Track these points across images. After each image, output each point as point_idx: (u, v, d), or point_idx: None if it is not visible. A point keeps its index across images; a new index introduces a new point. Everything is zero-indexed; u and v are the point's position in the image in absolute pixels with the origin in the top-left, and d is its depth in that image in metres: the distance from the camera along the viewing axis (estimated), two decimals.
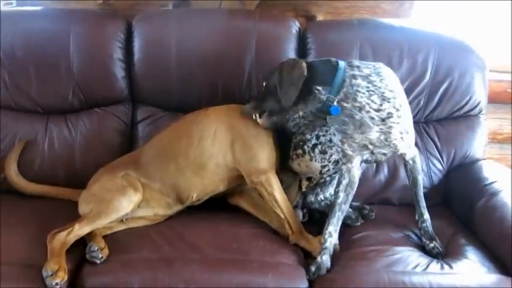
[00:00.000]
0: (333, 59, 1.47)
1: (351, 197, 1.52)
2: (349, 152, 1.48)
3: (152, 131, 1.91)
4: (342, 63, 1.45)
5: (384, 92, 1.42)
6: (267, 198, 1.56)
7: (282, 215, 1.55)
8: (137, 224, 1.62)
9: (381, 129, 1.43)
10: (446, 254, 1.52)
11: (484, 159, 1.92)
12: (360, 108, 1.42)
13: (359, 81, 1.42)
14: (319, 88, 1.44)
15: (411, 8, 2.24)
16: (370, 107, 1.41)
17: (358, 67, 1.44)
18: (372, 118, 1.42)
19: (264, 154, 1.58)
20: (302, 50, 1.91)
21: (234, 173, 1.61)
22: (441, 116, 1.93)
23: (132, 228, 1.60)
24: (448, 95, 1.88)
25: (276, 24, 1.92)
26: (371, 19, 2.01)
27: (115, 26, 1.92)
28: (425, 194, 1.59)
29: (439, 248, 1.53)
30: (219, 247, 1.49)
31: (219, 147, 1.59)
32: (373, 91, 1.41)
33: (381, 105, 1.41)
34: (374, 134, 1.44)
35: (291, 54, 1.88)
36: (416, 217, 1.57)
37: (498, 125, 2.42)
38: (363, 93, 1.41)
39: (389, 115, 1.42)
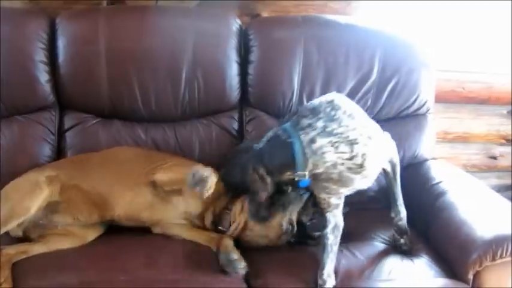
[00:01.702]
0: (281, 134, 1.33)
1: (339, 237, 1.42)
2: (336, 202, 1.38)
3: (83, 140, 1.76)
4: (294, 135, 1.30)
5: (348, 136, 1.30)
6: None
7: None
8: (58, 245, 1.46)
9: (363, 174, 1.33)
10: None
11: (433, 158, 1.91)
12: (334, 166, 1.30)
13: (319, 141, 1.29)
14: (285, 176, 1.34)
15: (359, 7, 2.20)
16: (343, 159, 1.29)
17: (310, 125, 1.31)
18: (350, 168, 1.31)
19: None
20: (244, 48, 1.83)
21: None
22: (390, 115, 1.89)
23: (50, 253, 1.43)
24: (395, 93, 1.85)
25: (214, 21, 1.82)
26: (316, 16, 1.95)
27: (36, 24, 1.75)
28: (373, 197, 1.53)
29: (408, 244, 1.51)
30: (152, 267, 1.36)
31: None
32: (337, 141, 1.29)
33: (351, 151, 1.29)
34: (358, 182, 1.35)
35: (232, 52, 1.79)
36: (393, 214, 1.52)
37: (448, 124, 2.43)
38: (329, 151, 1.29)
39: (364, 156, 1.31)
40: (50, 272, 1.33)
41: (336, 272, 1.39)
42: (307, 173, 1.31)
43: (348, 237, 1.51)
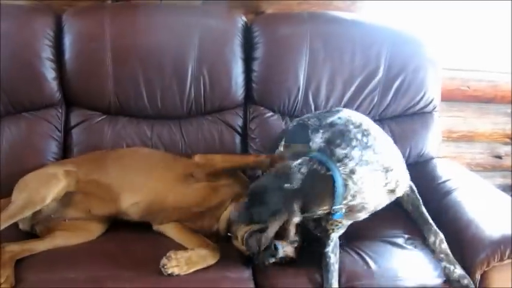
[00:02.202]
0: (318, 168, 1.22)
1: (338, 255, 1.40)
2: (347, 224, 1.36)
3: (89, 137, 1.76)
4: (333, 168, 1.20)
5: (383, 164, 1.25)
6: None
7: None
8: (65, 241, 1.45)
9: (391, 198, 1.32)
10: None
11: (439, 157, 1.90)
12: (371, 195, 1.26)
13: (358, 172, 1.22)
14: (321, 211, 1.24)
15: (363, 6, 2.20)
16: (379, 187, 1.26)
17: (347, 156, 1.22)
18: (383, 195, 1.29)
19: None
20: (249, 45, 1.82)
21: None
22: (396, 113, 1.89)
23: (58, 248, 1.43)
24: (402, 90, 1.83)
25: (220, 18, 1.82)
26: (322, 12, 1.94)
27: (43, 21, 1.74)
28: None
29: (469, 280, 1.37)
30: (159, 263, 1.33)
31: None
32: (375, 169, 1.23)
33: (386, 178, 1.26)
34: (384, 203, 1.33)
35: (237, 49, 1.79)
36: (432, 238, 1.45)
37: (452, 123, 2.42)
38: (368, 181, 1.22)
39: (397, 182, 1.28)
40: (58, 266, 1.32)
41: (340, 272, 1.38)
42: (343, 205, 1.24)
43: (355, 237, 1.52)
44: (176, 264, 1.30)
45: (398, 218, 1.58)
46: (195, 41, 1.74)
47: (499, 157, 2.70)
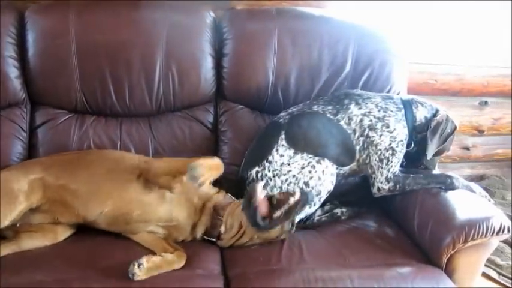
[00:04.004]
0: None
1: None
2: None
3: (55, 137, 1.72)
4: None
5: None
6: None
7: None
8: (30, 244, 1.42)
9: None
10: None
11: None
12: None
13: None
14: None
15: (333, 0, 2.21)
16: None
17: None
18: None
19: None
20: (218, 41, 1.82)
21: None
22: None
23: (24, 251, 1.40)
24: (369, 85, 1.85)
25: (188, 14, 1.80)
26: (290, 8, 1.95)
27: (5, 19, 1.69)
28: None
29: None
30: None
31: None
32: None
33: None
34: None
35: (206, 45, 1.78)
36: None
37: None
38: None
39: None
40: (24, 269, 1.29)
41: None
42: None
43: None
44: (145, 273, 1.28)
45: None
46: (162, 37, 1.72)
47: (467, 148, 2.77)
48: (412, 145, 1.66)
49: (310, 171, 1.54)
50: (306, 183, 1.53)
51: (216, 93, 1.85)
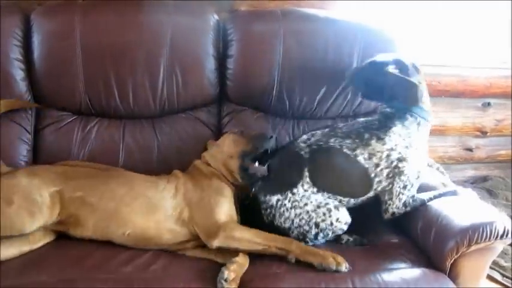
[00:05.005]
0: None
1: None
2: None
3: (58, 138, 1.73)
4: None
5: None
6: (241, 249, 1.39)
7: (267, 248, 1.39)
8: (33, 245, 1.41)
9: None
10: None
11: None
12: None
13: None
14: None
15: (336, 2, 2.21)
16: None
17: None
18: None
19: (221, 209, 1.45)
20: (223, 42, 1.82)
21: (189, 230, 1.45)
22: (369, 109, 1.91)
23: (28, 253, 1.39)
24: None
25: (192, 16, 1.80)
26: (295, 9, 1.94)
27: (11, 21, 1.70)
28: None
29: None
30: (136, 266, 1.34)
31: (176, 203, 1.48)
32: None
33: None
34: None
35: (210, 47, 1.78)
36: None
37: None
38: None
39: None
40: (28, 272, 1.29)
41: None
42: None
43: None
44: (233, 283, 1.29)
45: None
46: (167, 38, 1.72)
47: (470, 150, 2.78)
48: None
49: (324, 214, 1.48)
50: (317, 224, 1.48)
51: (219, 95, 1.85)
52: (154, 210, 1.45)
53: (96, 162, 1.68)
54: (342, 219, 1.49)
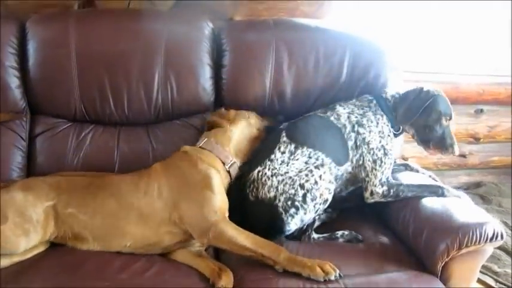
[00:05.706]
0: None
1: None
2: None
3: (53, 146, 1.74)
4: None
5: None
6: (228, 249, 1.41)
7: (254, 255, 1.38)
8: (26, 254, 1.40)
9: None
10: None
11: (402, 158, 1.93)
12: None
13: None
14: None
15: (330, 9, 2.24)
16: None
17: None
18: None
19: (211, 206, 1.43)
20: (217, 52, 1.84)
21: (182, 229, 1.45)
22: None
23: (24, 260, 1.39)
24: (364, 95, 1.84)
25: (186, 25, 1.82)
26: (286, 19, 1.97)
27: (6, 29, 1.71)
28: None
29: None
30: (131, 273, 1.35)
31: (164, 204, 1.45)
32: None
33: None
34: None
35: (204, 56, 1.80)
36: None
37: None
38: None
39: None
40: (23, 278, 1.29)
41: None
42: None
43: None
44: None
45: None
46: (161, 47, 1.73)
47: (464, 156, 2.80)
48: (400, 128, 1.71)
49: (307, 175, 1.53)
50: (302, 186, 1.52)
51: (215, 102, 1.86)
52: (145, 219, 1.44)
53: (91, 169, 1.69)
54: (324, 177, 1.54)
